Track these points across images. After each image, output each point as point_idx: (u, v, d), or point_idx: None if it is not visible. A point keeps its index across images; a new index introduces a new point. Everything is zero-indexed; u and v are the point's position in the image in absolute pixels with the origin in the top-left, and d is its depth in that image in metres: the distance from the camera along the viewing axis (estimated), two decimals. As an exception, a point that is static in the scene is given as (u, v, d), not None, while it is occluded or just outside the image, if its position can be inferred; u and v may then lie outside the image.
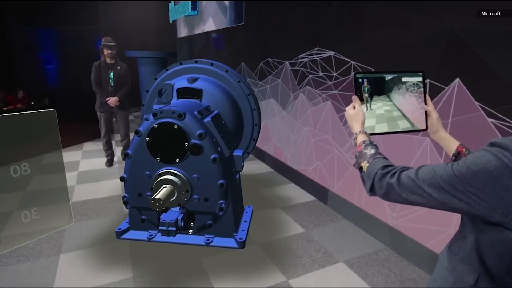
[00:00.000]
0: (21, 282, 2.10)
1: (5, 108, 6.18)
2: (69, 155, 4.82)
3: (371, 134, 1.09)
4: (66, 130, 6.51)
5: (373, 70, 2.58)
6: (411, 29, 2.24)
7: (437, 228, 2.19)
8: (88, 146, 5.35)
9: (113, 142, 4.60)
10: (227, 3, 5.10)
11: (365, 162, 0.96)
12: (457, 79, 1.98)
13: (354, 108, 1.10)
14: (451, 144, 1.08)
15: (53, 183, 1.82)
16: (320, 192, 3.41)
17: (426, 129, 1.13)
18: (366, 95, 1.11)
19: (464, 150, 1.05)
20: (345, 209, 3.06)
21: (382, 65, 2.50)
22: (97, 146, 5.12)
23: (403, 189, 0.82)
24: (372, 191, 0.91)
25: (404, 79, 1.12)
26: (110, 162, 4.37)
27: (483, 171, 0.69)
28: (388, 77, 1.12)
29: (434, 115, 1.11)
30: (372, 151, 0.98)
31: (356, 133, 1.07)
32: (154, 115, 2.16)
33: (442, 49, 2.04)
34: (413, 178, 0.80)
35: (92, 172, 4.13)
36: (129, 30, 8.39)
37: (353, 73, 1.10)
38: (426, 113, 1.12)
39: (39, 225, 1.59)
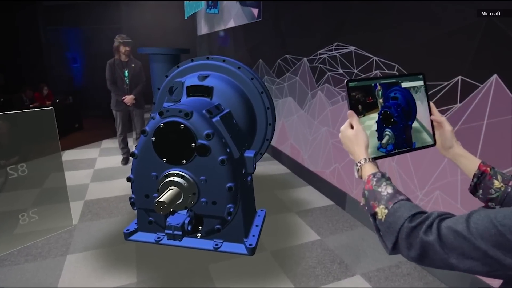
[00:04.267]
0: (26, 282, 2.07)
1: (31, 105, 6.37)
2: (87, 152, 4.87)
3: (375, 158, 0.83)
4: (88, 127, 6.64)
5: (392, 73, 2.36)
6: (442, 20, 2.01)
7: (467, 242, 1.96)
8: (107, 143, 5.40)
9: (130, 140, 4.60)
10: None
11: (381, 206, 0.70)
12: (495, 76, 1.75)
13: (352, 127, 0.82)
14: (470, 163, 0.85)
15: (52, 183, 1.77)
16: (338, 196, 3.21)
17: (434, 145, 0.91)
18: (381, 100, 0.87)
19: (488, 169, 0.82)
20: (364, 216, 2.85)
21: (408, 60, 2.28)
22: (115, 143, 5.15)
23: (450, 251, 0.56)
24: (395, 249, 0.66)
25: (404, 84, 0.90)
26: (125, 160, 4.37)
27: None
28: (384, 82, 0.88)
29: (447, 127, 0.87)
30: (389, 189, 0.72)
31: (360, 162, 0.79)
32: (161, 114, 2.06)
33: (477, 42, 1.81)
34: (463, 233, 0.55)
35: (107, 170, 4.14)
36: (149, 29, 8.46)
37: (345, 80, 0.84)
38: (432, 124, 0.90)
39: (38, 226, 1.54)
